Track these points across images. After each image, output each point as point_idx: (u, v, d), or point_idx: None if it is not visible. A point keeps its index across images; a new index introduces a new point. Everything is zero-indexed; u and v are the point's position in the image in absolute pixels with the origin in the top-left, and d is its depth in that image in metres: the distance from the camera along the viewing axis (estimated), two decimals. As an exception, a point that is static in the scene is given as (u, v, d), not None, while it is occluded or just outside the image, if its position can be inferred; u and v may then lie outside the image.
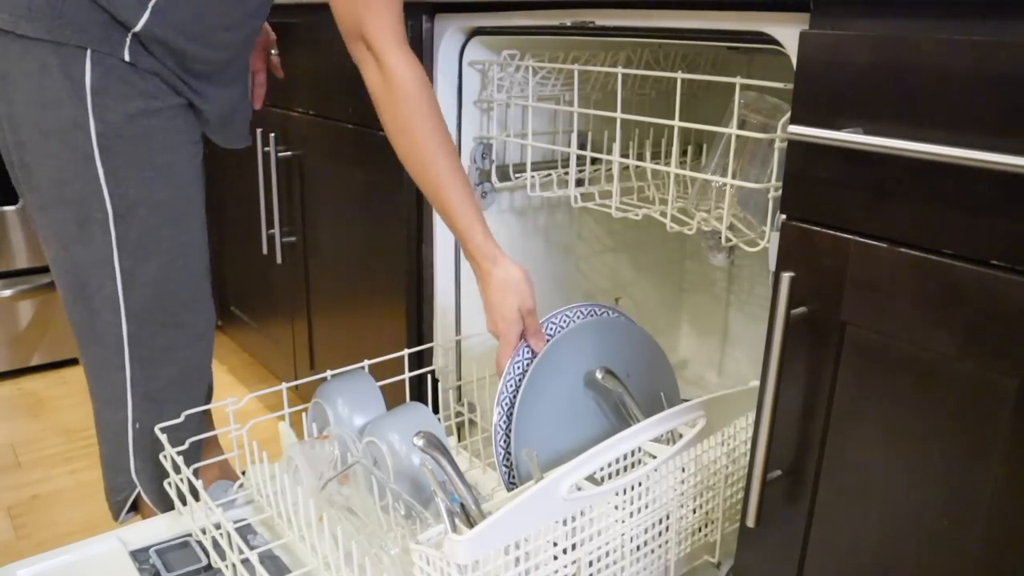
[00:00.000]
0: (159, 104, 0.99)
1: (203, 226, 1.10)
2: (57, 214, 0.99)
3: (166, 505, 1.13)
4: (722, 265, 1.48)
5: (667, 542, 0.92)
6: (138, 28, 0.93)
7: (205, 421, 1.17)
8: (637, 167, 1.09)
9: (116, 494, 1.14)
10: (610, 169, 1.09)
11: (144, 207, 1.00)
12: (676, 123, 0.95)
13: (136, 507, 1.15)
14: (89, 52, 0.92)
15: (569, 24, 0.98)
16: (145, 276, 1.03)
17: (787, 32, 0.76)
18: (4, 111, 0.96)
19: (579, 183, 1.17)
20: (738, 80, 0.88)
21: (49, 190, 0.98)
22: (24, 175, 1.00)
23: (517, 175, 1.24)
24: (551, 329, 1.03)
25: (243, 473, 1.15)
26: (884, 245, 0.63)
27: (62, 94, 0.93)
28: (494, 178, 1.24)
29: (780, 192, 0.72)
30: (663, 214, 1.02)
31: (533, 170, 1.20)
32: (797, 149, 0.68)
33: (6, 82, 0.94)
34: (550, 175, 1.23)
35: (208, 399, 1.18)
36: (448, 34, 1.15)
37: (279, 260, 1.65)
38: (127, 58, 0.94)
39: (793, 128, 0.65)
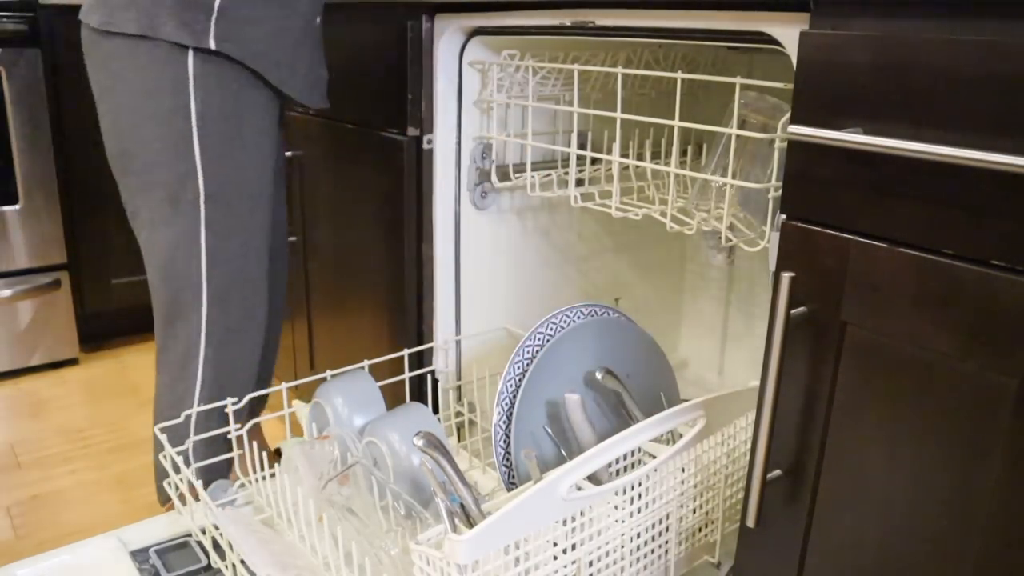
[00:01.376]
0: (248, 85, 1.08)
1: (281, 202, 1.19)
2: (154, 195, 1.08)
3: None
4: (722, 265, 1.48)
5: (667, 542, 0.92)
6: (219, 2, 1.02)
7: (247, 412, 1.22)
8: (637, 167, 1.09)
9: (164, 476, 1.16)
10: (610, 169, 1.09)
11: (232, 186, 1.09)
12: (676, 123, 0.95)
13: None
14: (190, 49, 1.02)
15: (569, 24, 0.98)
16: (226, 254, 1.11)
17: (787, 32, 0.76)
18: (115, 104, 1.06)
19: (579, 183, 1.17)
20: (738, 80, 0.88)
21: (147, 173, 1.07)
22: (125, 162, 1.09)
23: (517, 175, 1.24)
24: (551, 329, 1.03)
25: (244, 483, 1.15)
26: (884, 245, 0.63)
27: (167, 83, 1.03)
28: (494, 178, 1.24)
29: (780, 192, 0.72)
30: (663, 214, 1.02)
31: (533, 170, 1.20)
32: (797, 149, 0.68)
33: (119, 78, 1.05)
34: (550, 175, 1.23)
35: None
36: (448, 34, 1.15)
37: (279, 260, 1.64)
38: (213, 46, 1.02)
39: (793, 128, 0.65)
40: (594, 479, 0.87)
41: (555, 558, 0.80)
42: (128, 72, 1.04)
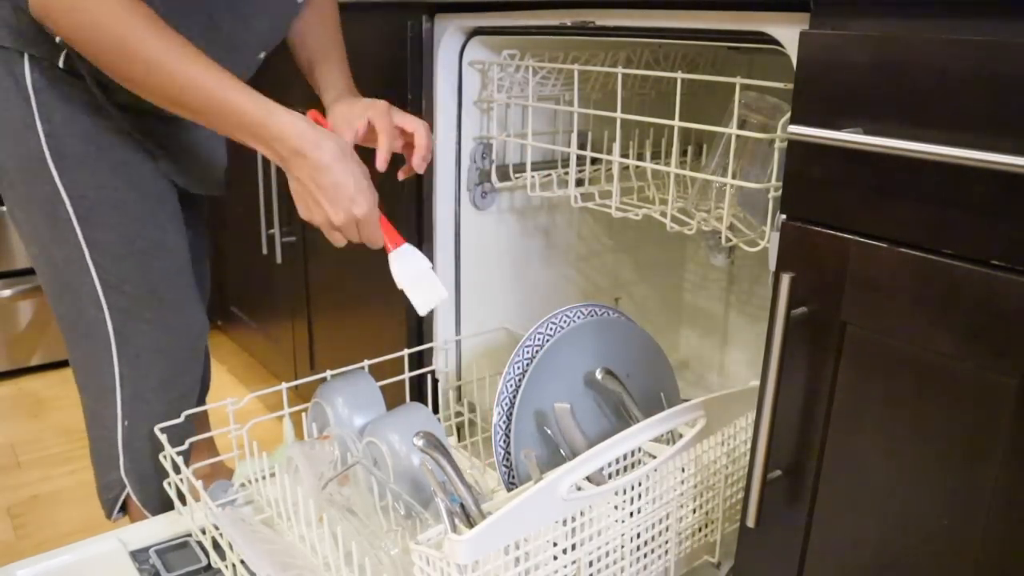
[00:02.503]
0: (107, 104, 0.96)
1: (178, 228, 1.07)
2: (32, 212, 0.99)
3: (154, 505, 1.13)
4: (722, 265, 1.48)
5: (667, 542, 0.92)
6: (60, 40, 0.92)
7: (197, 425, 1.17)
8: (637, 167, 1.09)
9: (107, 492, 1.14)
10: (610, 169, 1.09)
11: (106, 207, 0.98)
12: (676, 123, 0.95)
13: (125, 508, 1.15)
14: (26, 55, 0.92)
15: (569, 24, 0.98)
16: (122, 275, 1.01)
17: (787, 32, 0.76)
18: None
19: (579, 183, 1.17)
20: (738, 80, 0.88)
21: (19, 188, 0.98)
22: None
23: (517, 175, 1.24)
24: (551, 329, 1.03)
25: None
26: (884, 245, 0.63)
27: (8, 94, 0.93)
28: (494, 178, 1.24)
29: (780, 192, 0.72)
30: (663, 214, 1.02)
31: (533, 170, 1.20)
32: (797, 149, 0.68)
33: None
34: (550, 175, 1.23)
35: (201, 403, 1.17)
36: (448, 34, 1.15)
37: (279, 260, 1.65)
38: (62, 65, 0.93)
39: (793, 128, 0.65)
40: (594, 479, 0.87)
41: (555, 558, 0.80)
42: None
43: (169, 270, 1.06)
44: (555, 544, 0.80)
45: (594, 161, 1.19)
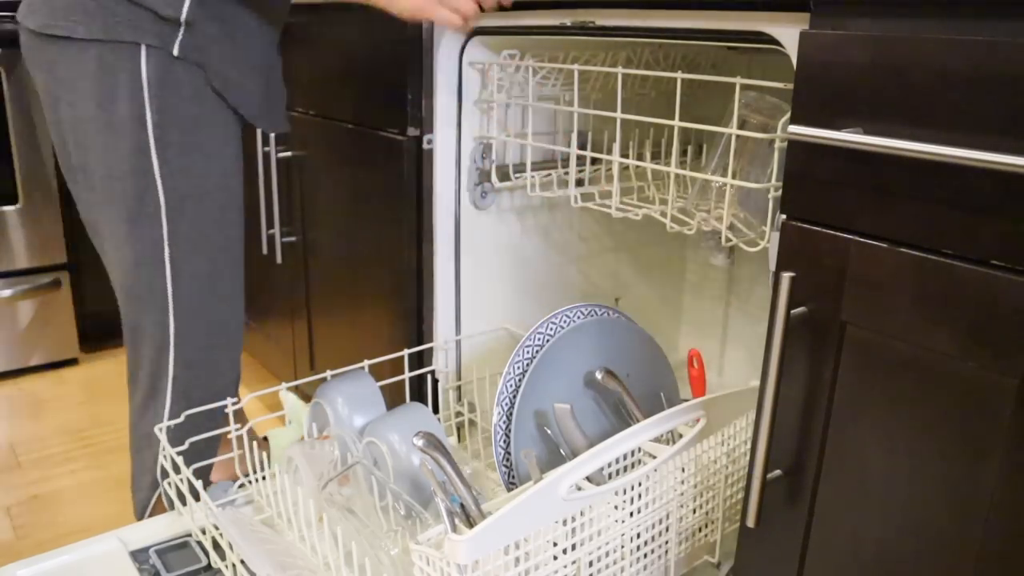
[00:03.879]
0: (207, 93, 1.03)
1: (241, 220, 1.13)
2: (113, 209, 1.04)
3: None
4: (722, 265, 1.48)
5: (667, 542, 0.92)
6: (184, 16, 0.97)
7: (223, 420, 1.18)
8: (637, 167, 1.09)
9: (140, 492, 1.16)
10: (610, 169, 1.09)
11: (193, 200, 1.05)
12: (676, 123, 0.95)
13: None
14: (144, 47, 0.97)
15: (569, 24, 0.98)
16: (193, 269, 1.07)
17: (787, 32, 0.76)
18: (66, 115, 1.01)
19: (579, 183, 1.17)
20: (738, 80, 0.88)
21: (105, 188, 1.03)
22: (82, 177, 1.05)
23: (517, 175, 1.24)
24: (551, 329, 1.03)
25: (244, 476, 1.15)
26: (884, 245, 0.63)
27: (121, 90, 0.97)
28: (494, 178, 1.24)
29: (780, 192, 0.72)
30: (663, 214, 1.02)
31: (533, 170, 1.20)
32: (797, 149, 0.68)
33: (66, 86, 0.99)
34: (550, 175, 1.23)
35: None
36: (448, 34, 1.15)
37: (279, 260, 1.65)
38: (176, 52, 0.98)
39: (793, 128, 0.65)
40: (594, 479, 0.87)
41: (555, 558, 0.80)
42: (78, 80, 0.98)
43: (232, 262, 1.12)
44: (555, 544, 0.80)
45: (594, 161, 1.19)
